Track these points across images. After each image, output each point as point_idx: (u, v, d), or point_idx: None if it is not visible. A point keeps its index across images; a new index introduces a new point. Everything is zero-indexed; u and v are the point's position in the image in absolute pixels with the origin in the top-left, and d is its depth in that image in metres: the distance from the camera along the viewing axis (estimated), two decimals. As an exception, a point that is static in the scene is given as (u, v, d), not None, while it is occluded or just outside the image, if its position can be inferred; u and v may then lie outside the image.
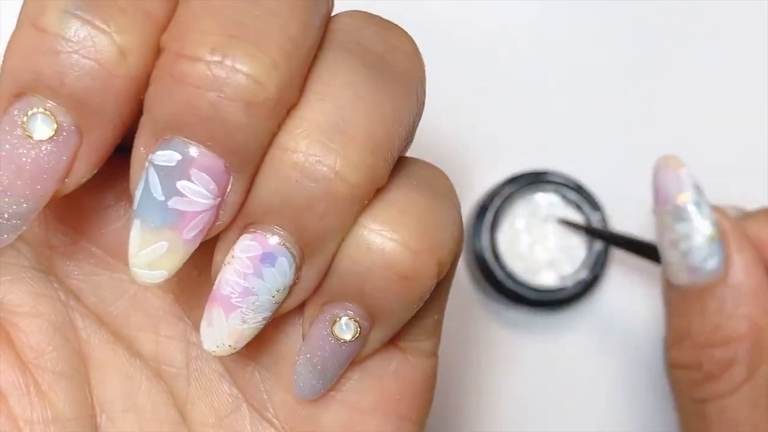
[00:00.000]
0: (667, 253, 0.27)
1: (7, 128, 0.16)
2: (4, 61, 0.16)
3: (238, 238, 0.17)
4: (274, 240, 0.17)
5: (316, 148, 0.16)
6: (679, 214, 0.27)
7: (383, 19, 0.18)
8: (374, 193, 0.17)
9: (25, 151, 0.16)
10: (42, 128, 0.16)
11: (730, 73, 0.36)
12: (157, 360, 0.20)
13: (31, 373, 0.19)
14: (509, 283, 0.33)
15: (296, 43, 0.16)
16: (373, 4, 0.18)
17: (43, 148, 0.16)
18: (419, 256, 0.17)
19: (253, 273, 0.17)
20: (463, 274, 0.34)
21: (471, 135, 0.34)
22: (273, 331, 0.19)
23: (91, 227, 0.19)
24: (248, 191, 0.17)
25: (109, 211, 0.19)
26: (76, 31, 0.15)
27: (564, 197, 0.33)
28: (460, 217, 0.19)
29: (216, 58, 0.15)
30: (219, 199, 0.16)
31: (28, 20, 0.15)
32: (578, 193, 0.33)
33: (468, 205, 0.34)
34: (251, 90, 0.15)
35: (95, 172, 0.17)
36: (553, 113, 0.35)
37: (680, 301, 0.27)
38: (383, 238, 0.17)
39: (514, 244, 0.33)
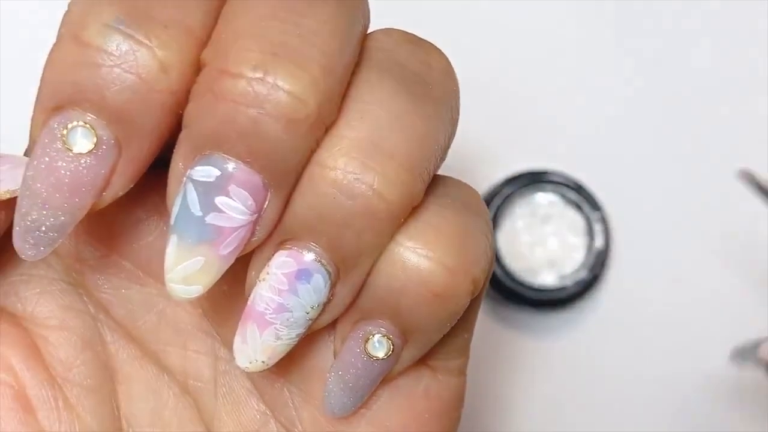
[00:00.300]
0: None
1: (47, 140, 0.16)
2: (43, 74, 0.16)
3: (273, 254, 0.17)
4: (309, 257, 0.17)
5: (355, 166, 0.16)
6: None
7: (418, 37, 0.19)
8: (410, 210, 0.17)
9: (64, 164, 0.16)
10: (82, 141, 0.16)
11: (730, 72, 0.36)
12: (184, 375, 0.20)
13: (60, 386, 0.18)
14: (509, 283, 0.33)
15: (335, 61, 0.16)
16: (373, 4, 0.18)
17: (82, 162, 0.16)
18: (454, 274, 0.17)
19: (288, 290, 0.17)
20: (463, 274, 0.34)
21: (471, 135, 0.34)
22: (303, 348, 0.19)
23: (122, 241, 0.19)
24: (285, 207, 0.17)
25: (140, 226, 0.19)
26: (118, 45, 0.15)
27: (564, 197, 0.33)
28: (493, 235, 0.19)
29: (258, 75, 0.15)
30: (256, 215, 0.16)
31: (69, 34, 0.15)
32: (578, 193, 0.33)
33: (468, 205, 0.34)
34: (292, 107, 0.15)
35: (132, 185, 0.17)
36: (553, 113, 0.35)
37: None
38: (418, 256, 0.17)
39: (514, 244, 0.33)
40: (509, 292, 0.33)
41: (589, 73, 0.35)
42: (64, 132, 0.16)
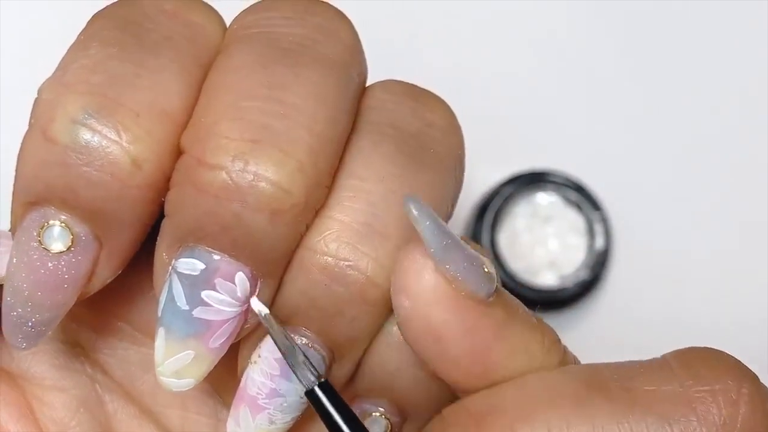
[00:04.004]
0: None
1: (24, 239, 0.15)
2: (17, 166, 0.15)
3: (264, 338, 0.16)
4: (301, 342, 0.16)
5: (347, 252, 0.15)
6: None
7: (419, 89, 0.18)
8: None
9: (42, 263, 0.15)
10: (59, 240, 0.15)
11: (731, 72, 0.35)
12: None
13: None
14: (509, 284, 0.32)
15: (324, 138, 0.15)
16: (372, 4, 0.18)
17: (61, 260, 0.15)
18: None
19: (279, 375, 0.16)
20: (463, 274, 0.34)
21: (471, 135, 0.34)
22: (302, 421, 0.18)
23: (118, 303, 0.19)
24: (277, 291, 0.16)
25: (135, 288, 0.18)
26: (87, 142, 0.15)
27: (564, 197, 0.33)
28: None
29: (238, 167, 0.14)
30: (246, 305, 0.16)
31: (38, 127, 0.15)
32: (578, 193, 0.33)
33: (468, 205, 0.34)
34: (276, 198, 0.15)
35: (120, 272, 0.16)
36: (553, 113, 0.35)
37: None
38: None
39: (514, 244, 0.33)
40: (509, 293, 0.32)
41: (590, 73, 0.35)
42: (40, 231, 0.15)
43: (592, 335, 0.34)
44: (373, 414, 0.17)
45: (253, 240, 0.15)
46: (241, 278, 0.15)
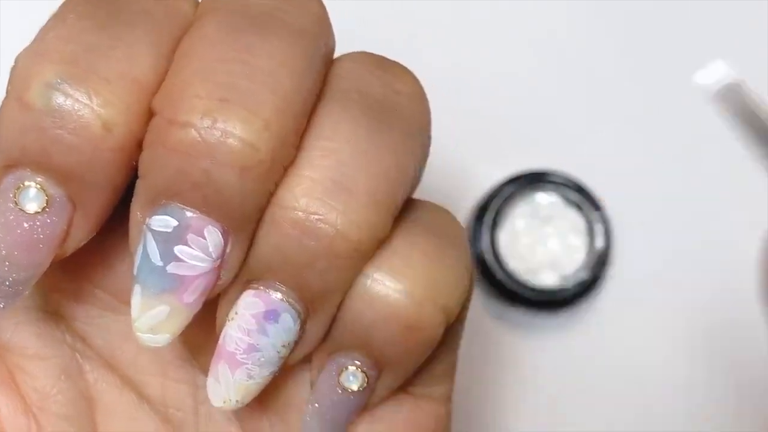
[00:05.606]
0: None
1: (0, 201, 0.16)
2: None
3: (240, 295, 0.17)
4: (276, 296, 0.16)
5: (317, 206, 0.16)
6: None
7: (386, 60, 0.18)
8: (378, 245, 0.17)
9: (18, 223, 0.16)
10: (34, 201, 0.16)
11: (731, 72, 0.35)
12: (164, 404, 0.20)
13: (35, 415, 0.18)
14: (509, 284, 0.32)
15: (291, 100, 0.16)
16: (372, 4, 0.18)
17: (37, 220, 0.16)
18: (423, 306, 0.17)
19: (256, 330, 0.17)
20: (463, 274, 0.34)
21: (471, 135, 0.34)
22: (282, 378, 0.19)
23: (96, 271, 0.19)
24: (249, 248, 0.16)
25: (114, 257, 0.19)
26: (60, 106, 0.15)
27: (564, 197, 0.33)
28: (469, 261, 0.18)
29: (206, 124, 0.15)
30: (219, 260, 0.16)
31: (14, 94, 0.15)
32: (578, 193, 0.33)
33: (468, 205, 0.34)
34: (244, 154, 0.15)
35: (94, 234, 0.17)
36: (554, 113, 0.35)
37: None
38: (386, 288, 0.17)
39: (514, 244, 0.33)
40: (510, 293, 0.32)
41: (590, 74, 0.35)
42: (16, 192, 0.15)
43: (592, 335, 0.34)
44: (349, 367, 0.18)
45: (223, 196, 0.15)
46: (213, 233, 0.16)
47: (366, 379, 0.18)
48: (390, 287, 0.17)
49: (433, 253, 0.17)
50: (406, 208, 0.18)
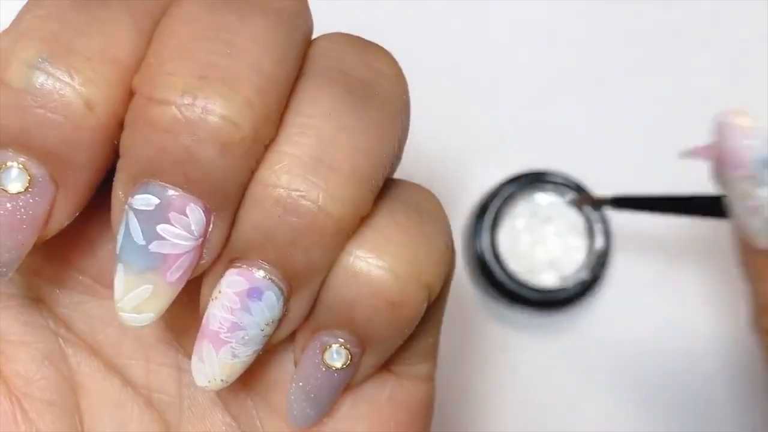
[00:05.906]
0: (748, 219, 0.24)
1: None
2: None
3: (224, 273, 0.17)
4: (260, 274, 0.17)
5: (298, 183, 0.16)
6: (761, 179, 0.24)
7: (364, 40, 0.18)
8: (359, 221, 0.17)
9: (1, 204, 0.16)
10: (16, 181, 0.16)
11: (731, 72, 0.36)
12: (148, 388, 0.20)
13: (19, 400, 0.18)
14: (509, 284, 0.32)
15: (271, 77, 0.16)
16: (372, 4, 0.18)
17: (19, 201, 0.16)
18: (406, 282, 0.17)
19: (240, 308, 0.17)
20: (463, 274, 0.34)
21: (471, 135, 0.34)
22: (265, 358, 0.19)
23: (78, 256, 0.19)
24: (231, 227, 0.16)
25: (95, 240, 0.19)
26: (41, 85, 0.15)
27: (564, 197, 0.33)
28: (450, 238, 0.18)
29: (187, 101, 0.15)
30: (201, 238, 0.16)
31: None
32: (578, 193, 0.33)
33: (468, 205, 0.34)
34: (225, 131, 0.15)
35: (77, 215, 0.17)
36: (553, 113, 0.35)
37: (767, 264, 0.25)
38: (369, 265, 0.17)
39: (514, 244, 0.33)
40: (510, 293, 0.32)
41: (590, 73, 0.35)
42: None
43: (592, 335, 0.34)
44: (333, 345, 0.18)
45: (204, 173, 0.15)
46: (195, 211, 0.16)
47: (350, 357, 0.18)
48: (372, 264, 0.17)
49: (415, 229, 0.17)
50: (386, 187, 0.18)
